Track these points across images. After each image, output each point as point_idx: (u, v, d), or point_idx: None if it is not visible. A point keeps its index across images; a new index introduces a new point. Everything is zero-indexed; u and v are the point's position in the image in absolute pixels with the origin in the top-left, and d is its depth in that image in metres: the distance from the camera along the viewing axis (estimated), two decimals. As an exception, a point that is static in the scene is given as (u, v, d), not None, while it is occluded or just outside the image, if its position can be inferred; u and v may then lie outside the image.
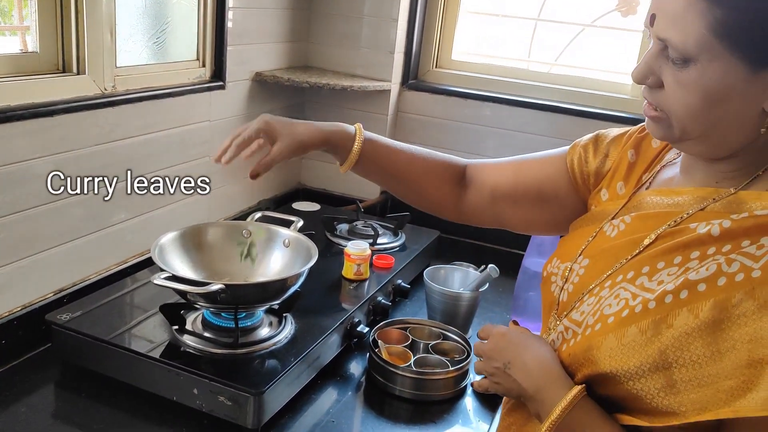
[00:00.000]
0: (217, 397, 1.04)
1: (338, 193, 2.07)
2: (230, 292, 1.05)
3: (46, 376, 1.15)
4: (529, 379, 0.76)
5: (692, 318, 0.64)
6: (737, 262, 0.63)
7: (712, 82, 0.65)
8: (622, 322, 0.69)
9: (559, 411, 0.71)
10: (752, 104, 0.65)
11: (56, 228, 1.24)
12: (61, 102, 1.20)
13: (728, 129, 0.68)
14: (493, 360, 0.83)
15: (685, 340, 0.64)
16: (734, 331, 0.61)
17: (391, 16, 1.89)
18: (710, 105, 0.66)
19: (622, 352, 0.68)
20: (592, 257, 0.80)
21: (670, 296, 0.66)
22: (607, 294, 0.73)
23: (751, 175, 0.70)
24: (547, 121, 1.85)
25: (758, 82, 0.64)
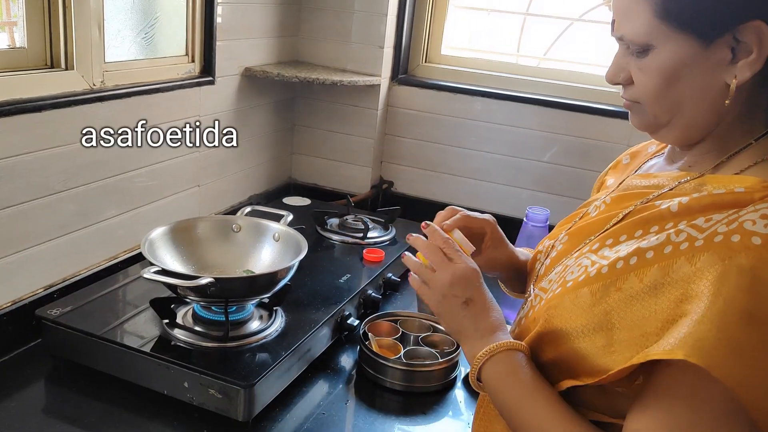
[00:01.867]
0: (208, 390, 1.04)
1: (329, 188, 2.07)
2: (220, 285, 1.06)
3: (36, 371, 1.15)
4: (484, 323, 0.79)
5: (637, 282, 0.67)
6: (684, 233, 0.66)
7: (669, 62, 0.68)
8: (577, 285, 0.72)
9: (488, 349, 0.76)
10: (713, 80, 0.68)
11: (46, 223, 1.24)
12: (50, 97, 1.20)
13: (695, 107, 0.70)
14: (454, 289, 0.80)
15: (629, 302, 0.67)
16: (670, 293, 0.64)
17: (381, 11, 1.90)
18: (671, 84, 0.69)
19: (572, 312, 0.71)
20: (571, 234, 0.84)
21: (621, 262, 0.69)
22: (572, 263, 0.77)
23: (719, 159, 0.72)
24: (536, 115, 1.86)
25: (713, 56, 0.67)
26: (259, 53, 1.83)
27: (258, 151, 1.91)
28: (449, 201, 1.99)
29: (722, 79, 0.68)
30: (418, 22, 2.00)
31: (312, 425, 1.09)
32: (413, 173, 2.04)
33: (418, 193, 2.04)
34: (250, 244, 1.29)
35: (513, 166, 1.91)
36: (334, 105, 2.01)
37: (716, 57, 0.67)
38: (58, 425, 1.04)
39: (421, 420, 1.16)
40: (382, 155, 2.07)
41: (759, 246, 0.60)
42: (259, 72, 1.77)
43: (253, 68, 1.77)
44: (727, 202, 0.66)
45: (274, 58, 1.91)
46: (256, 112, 1.86)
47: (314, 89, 2.00)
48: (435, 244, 0.83)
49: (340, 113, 2.01)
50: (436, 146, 1.99)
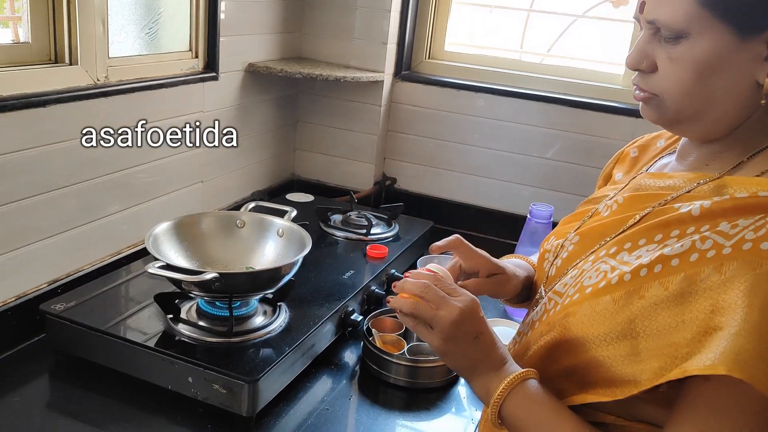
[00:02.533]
0: (212, 386, 1.04)
1: (332, 184, 2.07)
2: (224, 280, 1.06)
3: (40, 366, 1.15)
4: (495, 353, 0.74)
5: (662, 290, 0.65)
6: (711, 239, 0.64)
7: (704, 54, 0.66)
8: (597, 292, 0.71)
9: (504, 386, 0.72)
10: (744, 76, 0.67)
11: (50, 218, 1.24)
12: (54, 92, 1.20)
13: (723, 104, 0.69)
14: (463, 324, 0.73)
15: (653, 310, 0.65)
16: (699, 303, 0.63)
17: (384, 7, 1.89)
18: (703, 78, 0.67)
19: (593, 319, 0.70)
20: (582, 234, 0.82)
21: (644, 270, 0.68)
22: (589, 267, 0.75)
23: (738, 160, 0.71)
24: (539, 112, 1.85)
25: (747, 52, 0.65)
26: (263, 49, 1.83)
27: (261, 148, 1.91)
28: (452, 197, 1.99)
29: (754, 76, 0.66)
30: (421, 19, 2.00)
31: (315, 420, 1.09)
32: (416, 169, 2.03)
33: (421, 189, 2.04)
34: (254, 239, 1.28)
35: (516, 163, 1.91)
36: (337, 101, 2.01)
37: (752, 52, 0.65)
38: (62, 420, 1.04)
39: (424, 416, 1.15)
40: (385, 152, 2.06)
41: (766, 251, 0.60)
42: (263, 68, 1.77)
43: (257, 64, 1.77)
44: (751, 206, 0.65)
45: (278, 54, 1.91)
46: (259, 108, 1.86)
47: (317, 85, 2.00)
48: (427, 283, 0.75)
49: (343, 109, 2.01)
50: (439, 143, 1.99)
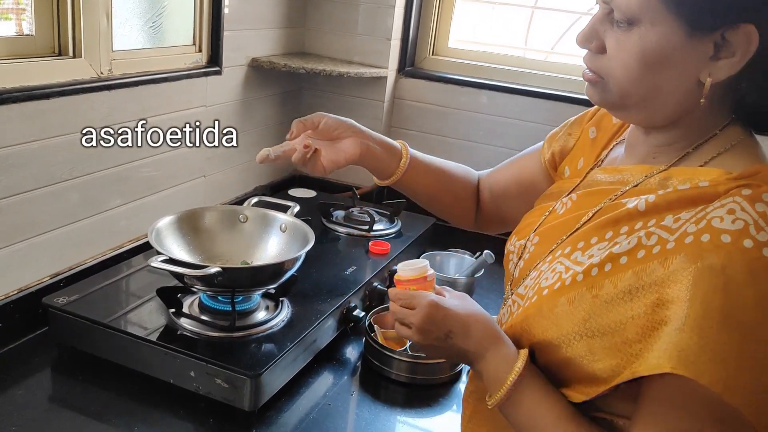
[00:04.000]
0: (214, 380, 1.04)
1: (334, 180, 2.07)
2: (227, 275, 1.06)
3: (43, 359, 1.15)
4: (474, 343, 0.76)
5: (612, 288, 0.66)
6: (656, 235, 0.65)
7: (652, 44, 0.66)
8: (553, 294, 0.71)
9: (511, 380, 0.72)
10: (689, 72, 0.67)
11: (53, 212, 1.24)
12: (57, 85, 1.20)
13: (666, 97, 0.69)
14: (429, 332, 0.78)
15: (605, 308, 0.66)
16: (645, 297, 0.63)
17: (389, 3, 1.89)
18: (649, 69, 0.67)
19: (551, 321, 0.70)
20: (541, 234, 0.82)
21: (596, 269, 0.68)
22: (546, 268, 0.76)
23: (684, 151, 0.72)
24: (543, 109, 1.85)
25: (695, 49, 0.65)
26: (266, 44, 1.83)
27: (264, 143, 1.90)
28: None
29: (698, 73, 0.67)
30: (425, 15, 1.99)
31: (317, 415, 1.09)
32: (419, 166, 2.03)
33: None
34: (256, 234, 1.28)
35: (519, 160, 1.90)
36: (340, 97, 2.00)
37: (699, 50, 0.65)
38: (64, 413, 1.04)
39: (425, 412, 1.16)
40: (388, 148, 2.06)
41: (728, 244, 0.60)
42: (266, 63, 1.76)
43: (260, 59, 1.77)
44: (692, 197, 0.65)
45: (281, 49, 1.90)
46: (262, 102, 1.85)
47: (320, 81, 2.00)
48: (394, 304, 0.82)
49: (347, 105, 2.01)
50: (442, 139, 1.98)
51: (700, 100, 0.68)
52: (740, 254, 0.59)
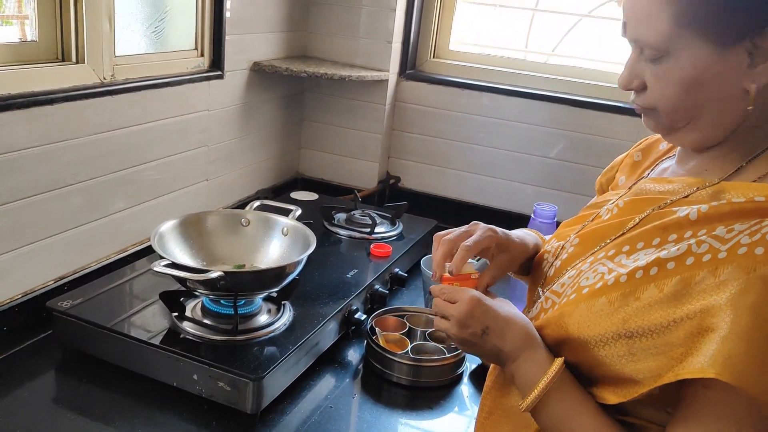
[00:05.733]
0: (217, 383, 1.05)
1: (336, 183, 2.08)
2: (229, 279, 1.07)
3: (47, 361, 1.16)
4: (510, 343, 0.77)
5: (657, 292, 0.66)
6: (707, 243, 0.66)
7: (687, 69, 0.68)
8: (594, 293, 0.72)
9: (544, 384, 0.73)
10: (730, 84, 0.68)
11: (57, 216, 1.25)
12: (61, 90, 1.21)
13: (713, 112, 0.70)
14: (467, 326, 0.79)
15: (647, 310, 0.67)
16: (692, 304, 0.64)
17: (390, 6, 1.90)
18: (689, 91, 0.69)
19: (589, 319, 0.71)
20: (582, 237, 0.83)
21: (641, 272, 0.69)
22: (587, 268, 0.76)
23: (736, 165, 0.72)
24: (544, 111, 1.86)
25: (729, 61, 0.67)
26: (268, 48, 1.84)
27: (266, 146, 1.92)
28: (456, 196, 2.00)
29: (741, 84, 0.67)
30: (426, 18, 2.00)
31: (319, 418, 1.10)
32: (420, 168, 2.04)
33: (426, 188, 2.05)
34: (258, 237, 1.29)
35: (520, 162, 1.91)
36: (342, 100, 2.01)
37: (734, 62, 0.67)
38: (68, 415, 1.05)
39: (427, 414, 1.16)
40: (390, 150, 2.07)
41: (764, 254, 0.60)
42: (268, 66, 1.77)
43: (262, 62, 1.78)
44: (747, 211, 0.66)
45: (283, 52, 1.91)
46: (264, 106, 1.86)
47: (322, 84, 2.01)
48: (436, 297, 0.84)
49: (348, 108, 2.02)
50: (444, 141, 1.99)
51: (747, 107, 0.68)
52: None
